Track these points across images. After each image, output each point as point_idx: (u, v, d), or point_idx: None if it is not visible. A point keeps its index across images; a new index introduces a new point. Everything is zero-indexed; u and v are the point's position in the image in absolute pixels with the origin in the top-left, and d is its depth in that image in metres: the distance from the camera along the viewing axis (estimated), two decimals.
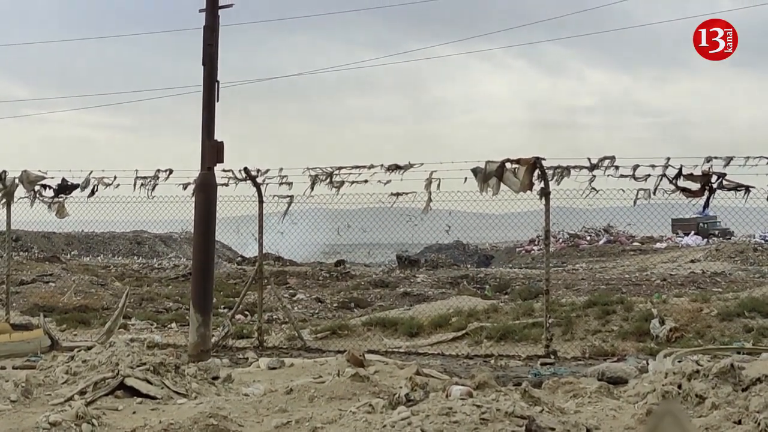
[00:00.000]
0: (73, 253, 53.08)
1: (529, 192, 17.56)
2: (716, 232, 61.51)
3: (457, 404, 8.50)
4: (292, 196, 20.01)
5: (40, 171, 21.46)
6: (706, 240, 58.40)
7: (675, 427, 2.01)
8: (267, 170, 19.77)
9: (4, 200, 21.26)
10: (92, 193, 21.36)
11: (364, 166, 19.05)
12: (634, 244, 59.97)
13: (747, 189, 17.15)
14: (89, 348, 13.26)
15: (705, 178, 17.20)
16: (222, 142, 16.31)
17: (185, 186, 20.09)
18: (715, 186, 17.18)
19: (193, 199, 17.13)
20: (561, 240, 59.80)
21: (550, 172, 17.51)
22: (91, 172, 21.29)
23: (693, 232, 62.21)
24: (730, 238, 57.73)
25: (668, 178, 17.42)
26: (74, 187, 21.39)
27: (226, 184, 19.55)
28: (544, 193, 17.48)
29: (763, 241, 51.49)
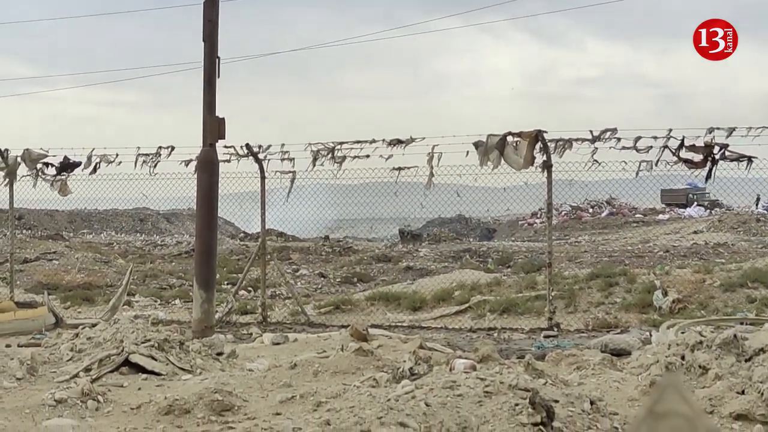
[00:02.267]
0: (82, 231, 53.13)
1: (531, 166, 17.56)
2: (705, 204, 61.45)
3: (460, 378, 8.53)
4: (294, 172, 20.01)
5: (42, 149, 21.46)
6: (708, 211, 58.33)
7: (677, 399, 2.02)
8: (269, 146, 19.76)
9: (6, 179, 21.26)
10: (94, 170, 21.36)
11: (366, 141, 19.05)
12: (637, 216, 59.93)
13: (749, 159, 17.14)
14: (94, 325, 13.31)
15: (707, 149, 17.18)
16: (223, 119, 16.30)
17: (187, 163, 20.08)
18: (717, 157, 17.16)
19: (196, 175, 17.12)
20: (563, 213, 59.73)
21: (552, 144, 17.50)
22: (93, 149, 21.29)
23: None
24: (717, 210, 57.73)
25: (670, 150, 17.40)
26: (76, 164, 21.39)
27: (228, 161, 19.55)
28: (546, 166, 17.47)
29: (765, 212, 51.45)
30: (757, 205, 56.10)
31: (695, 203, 60.98)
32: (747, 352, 9.40)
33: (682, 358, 9.70)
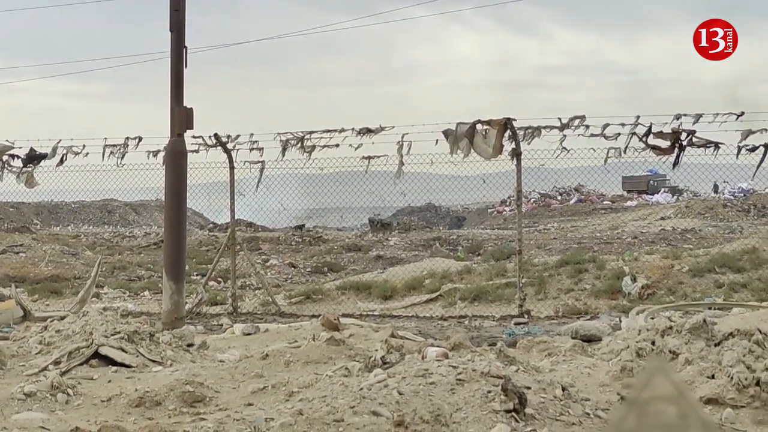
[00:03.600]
0: (49, 223, 52.79)
1: (500, 154, 17.59)
2: (665, 190, 61.87)
3: (432, 366, 8.53)
4: (263, 162, 19.97)
5: (7, 141, 21.30)
6: (676, 197, 58.65)
7: (665, 382, 2.02)
8: (237, 136, 19.71)
9: None
10: (61, 162, 21.25)
11: (335, 130, 19.03)
12: (605, 202, 60.17)
13: (716, 145, 17.24)
14: (62, 318, 13.21)
15: (674, 135, 17.28)
16: (191, 109, 16.22)
17: (155, 153, 20.00)
18: (684, 143, 17.25)
19: (164, 166, 17.04)
20: (532, 200, 59.87)
21: (521, 132, 17.54)
22: (60, 140, 21.18)
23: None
24: (684, 196, 58.16)
25: (638, 136, 17.48)
26: (43, 156, 21.27)
27: (197, 151, 19.48)
28: (516, 154, 17.51)
29: (732, 197, 51.80)
30: (715, 191, 56.61)
31: (662, 190, 61.32)
32: (716, 337, 9.46)
33: (653, 343, 9.74)
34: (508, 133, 17.37)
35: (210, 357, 12.30)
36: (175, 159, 16.45)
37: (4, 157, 21.26)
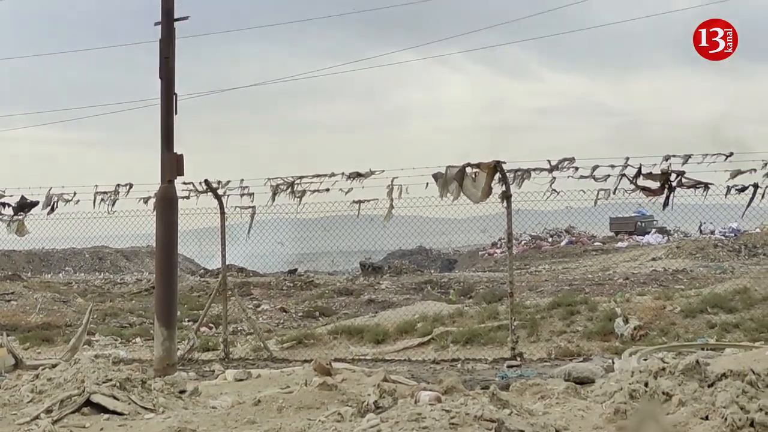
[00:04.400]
0: (40, 271, 52.65)
1: (490, 196, 17.63)
2: (651, 231, 62.12)
3: (425, 410, 8.50)
4: (254, 207, 19.99)
5: None
6: (666, 238, 58.78)
7: (654, 428, 2.03)
8: (228, 182, 19.75)
9: None
10: (52, 209, 21.23)
11: (325, 175, 19.08)
12: (596, 244, 60.25)
13: (706, 186, 17.30)
14: (54, 366, 13.14)
15: (664, 176, 17.34)
16: (182, 155, 16.25)
17: (146, 200, 20.02)
18: (674, 184, 17.31)
19: (155, 212, 17.04)
20: (523, 242, 59.91)
21: (511, 175, 17.60)
22: (51, 188, 21.18)
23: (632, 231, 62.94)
24: (675, 236, 58.36)
25: (628, 178, 17.54)
26: (34, 204, 21.27)
27: (188, 197, 19.51)
28: (506, 196, 17.55)
29: (723, 237, 51.91)
30: (700, 231, 56.82)
31: (652, 231, 61.49)
32: (710, 378, 9.44)
33: (646, 384, 9.72)
34: (497, 175, 17.42)
35: (202, 404, 12.23)
36: (166, 205, 16.45)
37: None
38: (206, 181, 19.42)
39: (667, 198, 17.50)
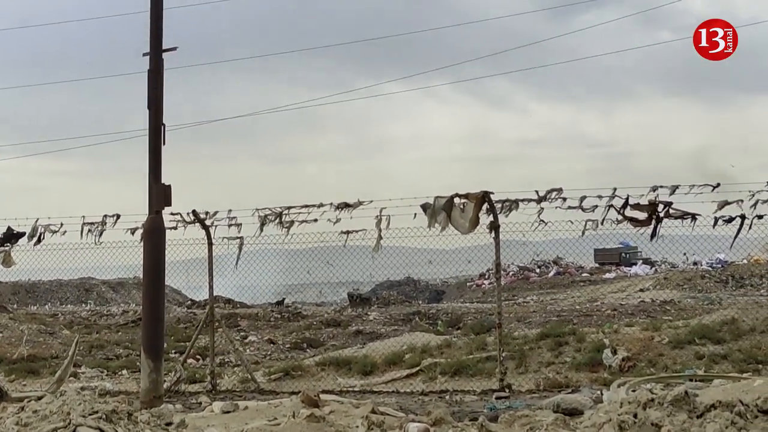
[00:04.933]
0: (26, 303, 52.47)
1: (477, 227, 17.63)
2: (637, 262, 62.50)
3: None
4: (242, 238, 19.96)
5: None
6: (654, 269, 58.97)
7: None
8: (216, 212, 19.72)
9: None
10: (39, 240, 21.16)
11: (313, 205, 19.07)
12: (584, 274, 60.38)
13: (693, 217, 17.34)
14: (40, 398, 13.04)
15: (651, 207, 17.37)
16: (169, 186, 16.21)
17: (133, 231, 19.98)
18: (661, 215, 17.34)
19: (142, 243, 16.99)
20: (511, 273, 60.01)
21: (499, 205, 17.61)
22: (38, 219, 21.14)
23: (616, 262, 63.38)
24: (662, 267, 58.69)
25: (615, 208, 17.57)
26: (20, 235, 21.20)
27: (175, 228, 19.45)
28: (494, 227, 17.56)
29: (710, 268, 52.06)
30: (687, 260, 57.09)
31: (639, 262, 61.71)
32: (698, 409, 9.42)
33: (635, 416, 9.69)
34: (485, 206, 17.43)
35: None
36: (154, 236, 16.40)
37: None
38: (194, 211, 19.38)
39: (655, 229, 17.52)
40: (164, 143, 16.28)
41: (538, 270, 62.66)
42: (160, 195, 16.18)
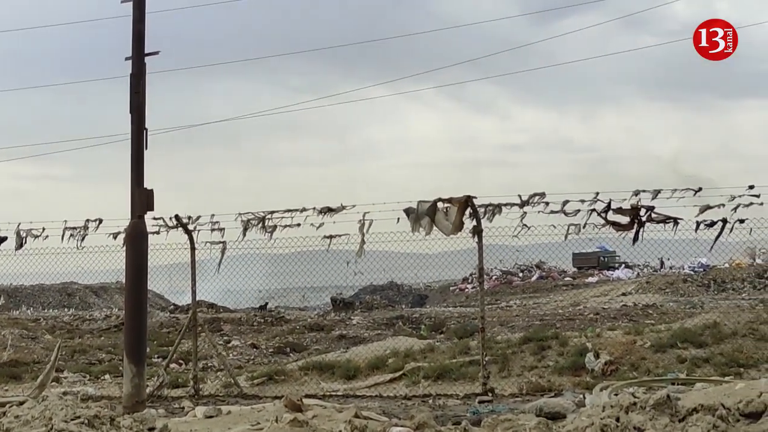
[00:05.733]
0: (8, 307, 52.25)
1: (460, 231, 17.64)
2: (615, 265, 62.82)
3: None
4: (224, 242, 19.91)
5: None
6: (636, 273, 59.18)
7: None
8: (198, 217, 19.65)
9: None
10: (20, 245, 21.07)
11: (296, 210, 19.04)
12: (566, 279, 60.54)
13: (675, 221, 17.39)
14: (21, 403, 13.00)
15: (634, 211, 17.40)
16: (152, 190, 16.16)
17: (115, 235, 19.90)
18: (644, 219, 17.38)
19: (124, 248, 16.93)
20: (494, 277, 60.12)
21: (482, 210, 17.62)
22: (20, 224, 21.03)
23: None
24: (644, 271, 59.02)
25: (598, 213, 17.60)
26: (2, 239, 21.09)
27: (157, 232, 19.40)
28: (477, 231, 17.57)
29: (692, 272, 52.25)
30: (661, 266, 57.42)
31: (622, 266, 61.95)
32: (680, 413, 9.46)
33: (617, 419, 9.72)
34: (469, 210, 17.44)
35: None
36: (136, 241, 16.35)
37: None
38: (176, 216, 19.34)
39: (637, 233, 17.56)
40: (146, 147, 16.24)
41: (521, 274, 62.82)
42: (142, 199, 16.13)
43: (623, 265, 61.18)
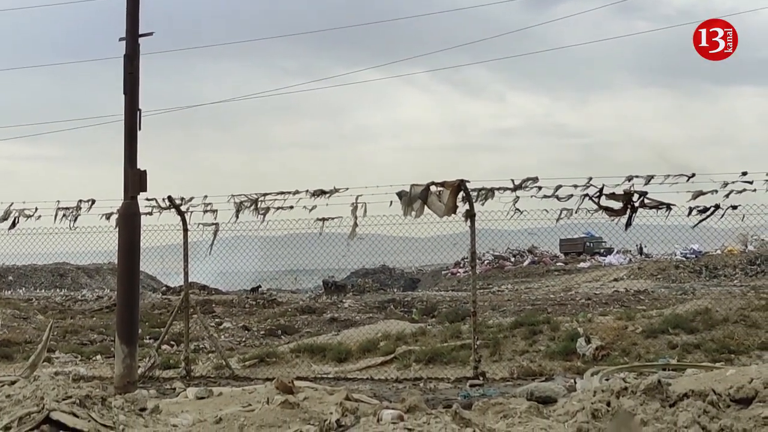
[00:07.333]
0: (3, 288, 52.27)
1: (454, 215, 17.63)
2: (601, 251, 63.00)
3: (388, 428, 8.49)
4: (217, 224, 19.88)
5: None
6: (628, 258, 59.26)
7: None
8: (191, 198, 19.63)
9: None
10: (13, 225, 21.03)
11: (290, 192, 19.02)
12: (558, 264, 60.61)
13: (668, 207, 17.40)
14: (13, 382, 12.99)
15: (626, 196, 17.41)
16: (145, 171, 16.13)
17: (108, 216, 19.86)
18: (636, 204, 17.39)
19: (117, 229, 16.90)
20: (486, 262, 60.16)
21: (475, 193, 17.62)
22: (12, 203, 20.98)
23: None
24: (637, 257, 59.18)
25: (591, 198, 17.60)
26: None
27: (150, 213, 19.38)
28: (469, 215, 17.57)
29: (684, 258, 52.37)
30: (640, 253, 57.59)
31: (616, 251, 62.05)
32: (671, 398, 9.48)
33: (608, 404, 9.74)
34: (461, 194, 17.43)
35: (163, 421, 12.13)
36: (129, 221, 16.33)
37: None
38: (169, 197, 19.31)
39: (630, 218, 17.58)
40: (140, 128, 16.21)
41: (513, 259, 62.85)
42: (135, 180, 16.10)
43: (614, 251, 61.28)
